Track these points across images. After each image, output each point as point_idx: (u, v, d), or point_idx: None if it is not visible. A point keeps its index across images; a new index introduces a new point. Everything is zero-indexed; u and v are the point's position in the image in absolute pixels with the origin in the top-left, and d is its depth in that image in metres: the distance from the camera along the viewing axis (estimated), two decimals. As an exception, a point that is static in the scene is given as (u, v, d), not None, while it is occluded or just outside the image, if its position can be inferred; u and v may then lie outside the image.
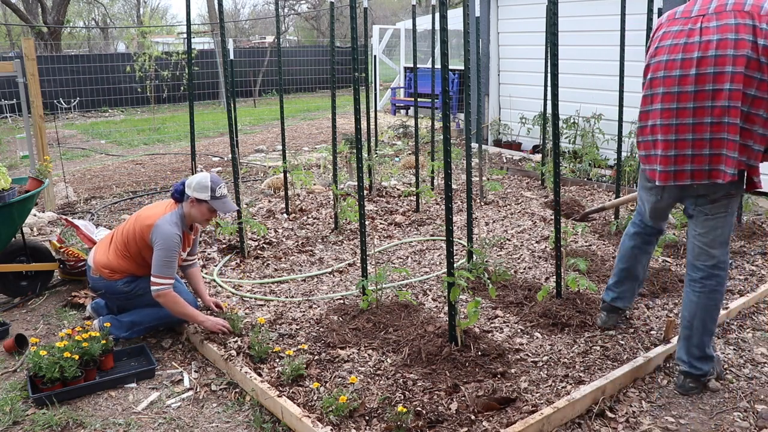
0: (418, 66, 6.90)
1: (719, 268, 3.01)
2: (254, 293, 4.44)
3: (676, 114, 2.92)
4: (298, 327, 3.86)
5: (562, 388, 3.12)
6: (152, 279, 3.58)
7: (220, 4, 4.91)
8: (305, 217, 6.31)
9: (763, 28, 2.71)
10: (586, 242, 5.32)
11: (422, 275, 4.70)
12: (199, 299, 4.03)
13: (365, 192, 5.66)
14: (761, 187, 2.97)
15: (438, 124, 8.53)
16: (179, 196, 3.75)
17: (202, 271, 4.84)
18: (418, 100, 6.85)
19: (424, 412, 2.88)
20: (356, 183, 4.21)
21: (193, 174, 5.80)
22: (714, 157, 2.85)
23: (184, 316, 3.67)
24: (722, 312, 3.84)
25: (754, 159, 2.83)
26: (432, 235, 5.68)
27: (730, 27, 2.78)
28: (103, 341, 3.38)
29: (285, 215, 6.37)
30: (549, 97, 4.87)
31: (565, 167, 7.90)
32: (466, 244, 4.57)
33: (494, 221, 6.08)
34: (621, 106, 4.95)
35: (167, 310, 3.68)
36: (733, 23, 2.77)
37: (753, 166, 2.86)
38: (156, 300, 3.62)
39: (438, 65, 8.55)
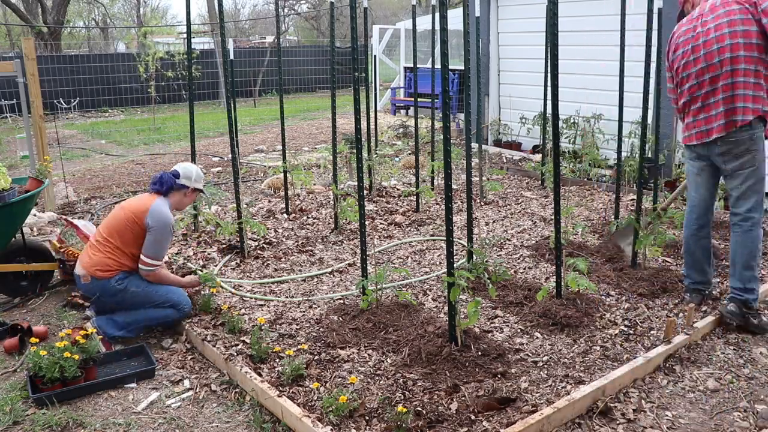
0: (418, 66, 6.90)
1: (753, 211, 3.65)
2: (254, 293, 4.44)
3: (698, 87, 3.68)
4: (298, 327, 3.86)
5: (562, 388, 3.12)
6: (143, 259, 3.71)
7: (220, 4, 4.91)
8: (305, 217, 6.31)
9: None
10: (585, 242, 5.32)
11: (422, 275, 4.70)
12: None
13: (365, 192, 5.66)
14: None
15: (438, 124, 8.53)
16: (167, 188, 3.89)
17: (202, 271, 4.84)
18: (418, 100, 6.85)
19: (424, 412, 2.88)
20: (356, 183, 4.21)
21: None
22: (729, 111, 3.54)
23: (173, 284, 3.91)
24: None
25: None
26: (432, 235, 5.68)
27: (721, 14, 3.57)
28: (88, 352, 3.31)
29: (285, 215, 6.37)
30: (549, 97, 4.87)
31: (565, 167, 7.90)
32: (466, 244, 4.57)
33: (494, 221, 6.08)
34: (621, 106, 4.95)
35: (162, 311, 3.80)
36: (722, 11, 3.58)
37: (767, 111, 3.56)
38: (146, 290, 3.79)
39: (438, 65, 8.55)
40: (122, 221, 3.78)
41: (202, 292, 4.18)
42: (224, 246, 5.38)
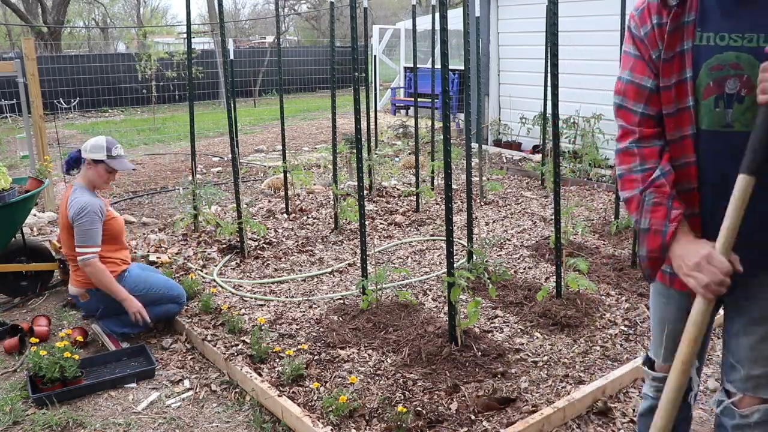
0: (418, 66, 6.90)
1: None
2: (254, 293, 4.44)
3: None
4: (298, 327, 3.86)
5: (562, 388, 3.12)
6: (77, 250, 3.57)
7: (220, 4, 4.91)
8: (305, 217, 6.31)
9: None
10: (585, 242, 5.32)
11: (422, 275, 4.70)
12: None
13: (365, 192, 5.66)
14: None
15: (438, 124, 8.52)
16: (74, 164, 3.80)
17: (202, 271, 4.84)
18: (418, 100, 6.85)
19: (424, 412, 2.88)
20: (356, 183, 4.21)
21: (193, 175, 5.84)
22: None
23: (108, 290, 3.65)
24: (722, 312, 3.85)
25: None
26: (432, 235, 5.67)
27: None
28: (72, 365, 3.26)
29: (285, 215, 6.37)
30: (549, 97, 4.86)
31: (565, 167, 7.90)
32: (466, 244, 4.57)
33: (494, 221, 6.08)
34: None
35: (162, 307, 3.81)
36: None
37: None
38: (144, 294, 3.73)
39: (438, 65, 8.55)
40: (64, 229, 3.71)
41: (203, 292, 4.18)
42: (224, 246, 5.38)
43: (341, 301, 4.24)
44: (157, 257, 5.07)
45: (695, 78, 1.73)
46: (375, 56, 12.34)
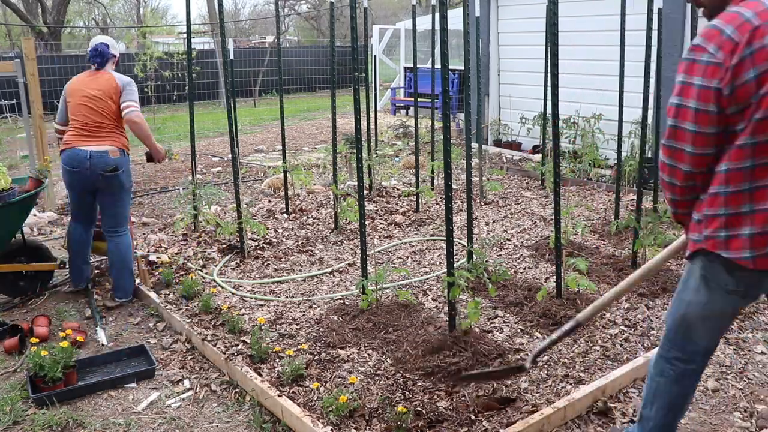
0: (418, 66, 6.90)
1: None
2: (254, 293, 4.44)
3: None
4: (298, 327, 3.86)
5: (562, 388, 3.12)
6: (131, 104, 4.27)
7: (220, 4, 4.91)
8: (305, 217, 6.31)
9: None
10: (585, 242, 5.32)
11: (422, 275, 4.70)
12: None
13: (365, 192, 5.66)
14: None
15: (438, 124, 8.52)
16: (103, 60, 4.35)
17: (202, 271, 4.85)
18: (418, 100, 6.85)
19: (424, 412, 2.88)
20: (356, 183, 4.21)
21: (193, 175, 5.84)
22: None
23: (147, 137, 4.45)
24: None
25: None
26: (432, 235, 5.68)
27: None
28: (66, 357, 3.28)
29: (285, 215, 6.37)
30: (549, 97, 4.87)
31: (565, 167, 7.90)
32: (466, 244, 4.57)
33: (494, 221, 6.08)
34: (621, 106, 4.95)
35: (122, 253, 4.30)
36: None
37: None
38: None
39: (438, 65, 8.55)
40: (106, 98, 4.28)
41: (203, 292, 4.18)
42: (224, 246, 5.38)
43: (341, 301, 4.24)
44: (157, 257, 5.07)
45: None
46: (375, 56, 12.34)
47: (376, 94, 11.51)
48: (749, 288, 2.08)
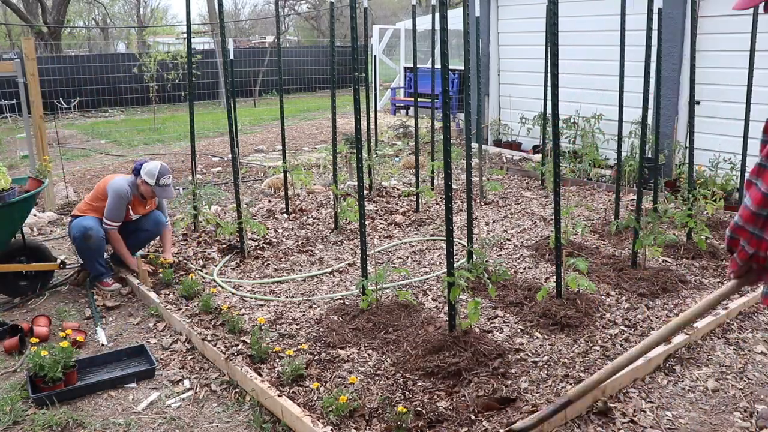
0: (418, 66, 6.89)
1: None
2: (254, 293, 4.44)
3: None
4: (298, 327, 3.86)
5: (562, 388, 3.11)
6: (104, 220, 4.56)
7: (220, 4, 4.91)
8: (305, 217, 6.30)
9: None
10: (585, 242, 5.32)
11: (422, 275, 4.70)
12: (164, 253, 4.96)
13: (365, 192, 5.66)
14: None
15: (438, 124, 8.52)
16: (136, 172, 4.69)
17: (202, 271, 4.85)
18: (418, 100, 6.85)
19: (424, 412, 2.88)
20: (356, 183, 4.21)
21: (193, 175, 5.84)
22: None
23: (120, 254, 4.70)
24: (722, 312, 3.85)
25: None
26: (432, 235, 5.67)
27: None
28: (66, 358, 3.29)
29: (285, 215, 6.37)
30: (549, 97, 4.87)
31: (565, 167, 7.90)
32: (466, 244, 4.57)
33: (494, 221, 6.08)
34: (621, 106, 4.95)
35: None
36: None
37: None
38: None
39: (438, 65, 8.55)
40: (97, 191, 4.69)
41: (203, 292, 4.18)
42: (224, 246, 5.38)
43: (341, 301, 4.24)
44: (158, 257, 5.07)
45: None
46: (375, 56, 12.34)
47: (376, 94, 11.51)
48: None
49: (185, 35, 6.45)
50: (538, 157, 8.68)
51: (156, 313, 4.20)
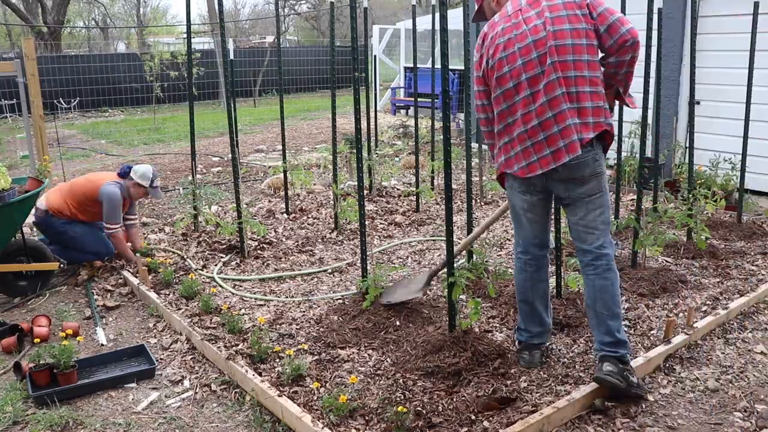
0: (418, 66, 6.89)
1: (606, 246, 3.05)
2: (254, 293, 4.44)
3: (532, 99, 2.92)
4: (298, 327, 3.86)
5: (562, 388, 3.11)
6: (105, 225, 4.87)
7: (220, 4, 4.91)
8: (305, 217, 6.30)
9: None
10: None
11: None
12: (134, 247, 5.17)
13: (365, 192, 5.66)
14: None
15: (438, 124, 8.52)
16: (124, 175, 4.95)
17: (202, 271, 4.85)
18: (418, 99, 6.85)
19: (424, 412, 2.88)
20: (356, 183, 4.21)
21: (193, 175, 5.85)
22: (576, 126, 2.88)
23: (121, 252, 4.98)
24: (722, 312, 3.85)
25: (609, 116, 2.98)
26: (432, 235, 5.67)
27: (558, 6, 2.93)
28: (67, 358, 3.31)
29: (285, 215, 6.37)
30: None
31: (565, 167, 7.89)
32: (466, 244, 4.56)
33: (494, 221, 6.08)
34: (621, 106, 4.95)
35: (85, 255, 4.89)
36: (560, 3, 2.93)
37: (611, 124, 2.96)
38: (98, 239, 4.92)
39: (438, 65, 8.54)
40: (82, 191, 4.84)
41: (203, 292, 4.18)
42: (224, 246, 5.38)
43: (341, 301, 4.24)
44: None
45: None
46: (375, 56, 12.34)
47: (376, 94, 11.51)
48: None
49: (185, 35, 6.45)
50: (538, 157, 8.66)
51: (156, 313, 4.20)
